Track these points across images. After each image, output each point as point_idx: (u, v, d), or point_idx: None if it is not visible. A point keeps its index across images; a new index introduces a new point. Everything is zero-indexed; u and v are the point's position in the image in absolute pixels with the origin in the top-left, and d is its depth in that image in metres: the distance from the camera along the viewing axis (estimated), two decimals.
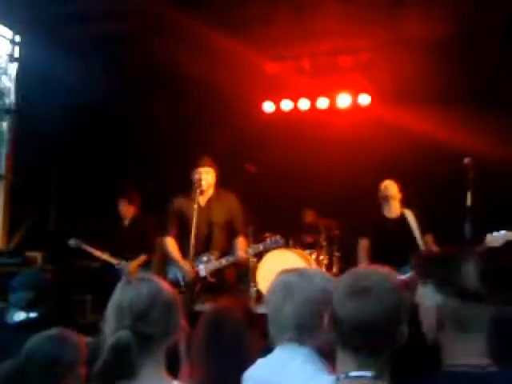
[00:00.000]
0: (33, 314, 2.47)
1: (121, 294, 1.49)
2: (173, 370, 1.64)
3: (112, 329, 1.43)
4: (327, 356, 1.58)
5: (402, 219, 4.41)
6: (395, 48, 5.72)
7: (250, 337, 2.08)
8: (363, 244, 4.40)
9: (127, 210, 5.40)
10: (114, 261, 5.28)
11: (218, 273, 4.13)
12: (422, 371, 1.42)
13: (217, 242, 4.17)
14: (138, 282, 1.51)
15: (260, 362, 1.71)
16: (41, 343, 1.93)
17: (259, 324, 2.17)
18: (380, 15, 5.17)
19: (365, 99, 6.31)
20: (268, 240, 4.20)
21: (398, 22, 5.37)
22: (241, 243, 4.20)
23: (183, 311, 1.61)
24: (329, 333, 1.39)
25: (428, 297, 1.38)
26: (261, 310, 3.20)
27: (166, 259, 4.38)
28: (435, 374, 1.37)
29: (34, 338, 1.96)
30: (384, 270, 1.39)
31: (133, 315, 1.43)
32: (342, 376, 1.31)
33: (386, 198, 4.43)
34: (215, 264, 4.09)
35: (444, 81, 5.64)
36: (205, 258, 4.10)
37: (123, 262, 5.24)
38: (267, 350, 1.88)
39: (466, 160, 3.93)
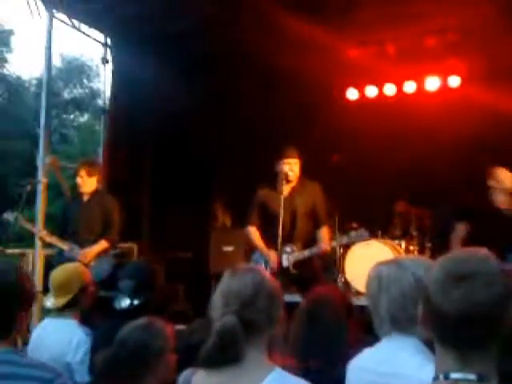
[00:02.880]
0: (136, 301, 2.64)
1: (228, 283, 1.56)
2: None
3: (218, 315, 1.50)
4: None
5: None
6: (489, 26, 5.35)
7: (348, 327, 2.07)
8: (460, 229, 4.12)
9: (86, 183, 4.54)
10: (63, 245, 4.44)
11: (300, 264, 4.12)
12: None
13: (300, 232, 4.17)
14: (243, 271, 1.58)
15: (366, 352, 1.70)
16: (132, 332, 2.04)
17: (355, 315, 2.15)
18: None
19: (455, 81, 6.00)
20: (353, 232, 4.10)
21: None
22: (324, 234, 4.17)
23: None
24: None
25: None
26: (352, 301, 3.16)
27: (251, 249, 4.46)
28: None
29: (125, 327, 2.07)
30: (483, 252, 1.24)
31: (239, 302, 1.49)
32: (441, 377, 1.17)
33: (504, 190, 4.09)
34: (298, 255, 4.08)
35: None
36: (288, 249, 4.10)
37: (75, 248, 4.38)
38: (364, 342, 1.86)
39: None
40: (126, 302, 2.62)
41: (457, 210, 4.35)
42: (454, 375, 1.15)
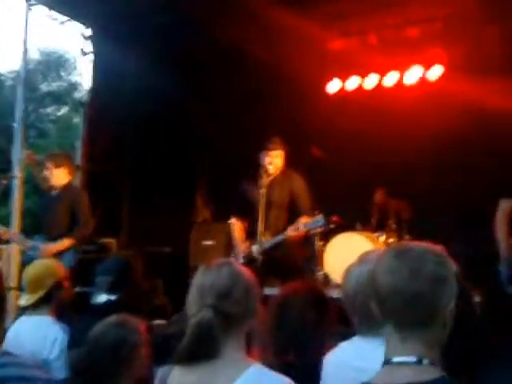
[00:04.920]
0: (113, 297, 2.62)
1: (202, 277, 1.53)
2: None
3: (194, 309, 1.47)
4: None
5: None
6: (472, 16, 5.39)
7: (317, 320, 2.07)
8: (506, 207, 3.70)
9: (54, 175, 4.38)
10: (25, 244, 4.33)
11: (278, 253, 4.11)
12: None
13: (272, 222, 4.16)
14: (217, 265, 1.56)
15: (342, 346, 1.70)
16: (106, 329, 2.04)
17: (332, 308, 2.15)
18: None
19: (437, 71, 5.98)
20: (310, 220, 4.03)
21: None
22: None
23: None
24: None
25: None
26: (331, 293, 3.18)
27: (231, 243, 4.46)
28: None
29: (99, 325, 2.07)
30: (431, 244, 1.28)
31: (215, 295, 1.47)
32: (385, 361, 1.21)
33: None
34: (264, 244, 4.06)
35: None
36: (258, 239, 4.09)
37: (36, 246, 4.21)
38: (341, 334, 1.86)
39: None
40: (102, 298, 2.60)
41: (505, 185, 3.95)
42: (396, 359, 1.19)
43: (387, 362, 1.20)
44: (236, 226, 4.37)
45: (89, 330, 2.11)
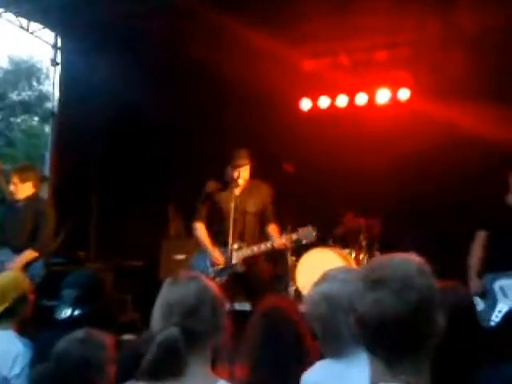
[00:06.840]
0: (78, 312, 2.55)
1: (168, 292, 1.49)
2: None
3: (159, 326, 1.44)
4: None
5: None
6: (436, 42, 5.58)
7: (308, 338, 2.04)
8: (480, 237, 3.82)
9: (19, 190, 4.29)
10: None
11: (249, 266, 4.14)
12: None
13: (250, 231, 4.23)
14: (184, 279, 1.52)
15: (318, 365, 1.67)
16: (70, 345, 1.96)
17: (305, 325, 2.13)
18: (423, 9, 5.07)
19: (404, 94, 6.17)
20: (300, 230, 4.14)
21: (441, 16, 5.25)
22: (274, 230, 4.24)
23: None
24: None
25: None
26: (303, 309, 3.16)
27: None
28: None
29: (63, 341, 1.99)
30: (404, 256, 1.20)
31: (182, 312, 1.43)
32: None
33: None
34: (246, 251, 4.11)
35: (488, 75, 5.46)
36: (236, 246, 4.11)
37: (4, 262, 4.11)
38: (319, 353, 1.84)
39: None
40: (67, 312, 2.53)
41: (476, 217, 4.07)
42: None
43: None
44: (202, 230, 4.33)
45: (52, 346, 2.04)
